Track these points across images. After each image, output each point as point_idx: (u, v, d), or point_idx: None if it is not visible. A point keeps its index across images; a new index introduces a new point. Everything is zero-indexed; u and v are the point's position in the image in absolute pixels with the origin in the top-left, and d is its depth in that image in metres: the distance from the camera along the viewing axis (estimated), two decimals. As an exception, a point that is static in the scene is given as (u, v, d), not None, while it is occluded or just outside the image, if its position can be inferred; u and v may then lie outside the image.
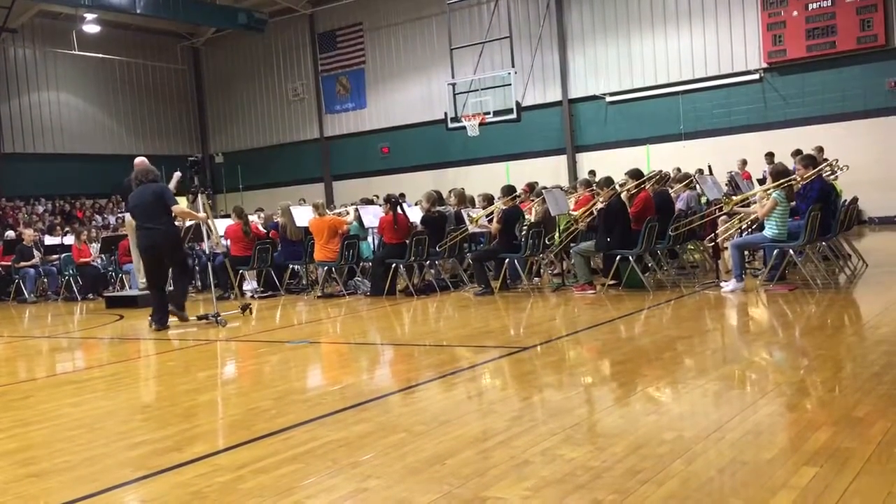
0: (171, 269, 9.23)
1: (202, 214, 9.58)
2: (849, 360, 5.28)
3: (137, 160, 10.32)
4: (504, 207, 10.74)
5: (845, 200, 10.12)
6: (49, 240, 16.38)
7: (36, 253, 15.23)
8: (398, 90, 26.16)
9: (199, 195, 9.64)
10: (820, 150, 14.73)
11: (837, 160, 11.31)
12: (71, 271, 14.67)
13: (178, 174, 11.49)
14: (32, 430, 4.72)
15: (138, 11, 22.36)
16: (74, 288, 14.52)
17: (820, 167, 9.36)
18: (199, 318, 9.16)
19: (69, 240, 15.69)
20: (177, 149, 28.88)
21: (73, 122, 26.93)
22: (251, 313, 9.88)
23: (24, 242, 15.40)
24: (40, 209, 24.17)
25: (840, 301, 7.91)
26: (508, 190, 11.13)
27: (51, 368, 7.61)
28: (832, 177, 10.91)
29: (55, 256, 15.37)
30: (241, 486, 3.42)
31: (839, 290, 8.58)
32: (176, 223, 9.64)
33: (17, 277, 14.95)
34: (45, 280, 15.20)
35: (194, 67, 30.64)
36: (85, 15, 24.57)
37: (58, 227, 19.14)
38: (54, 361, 8.07)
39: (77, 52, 25.69)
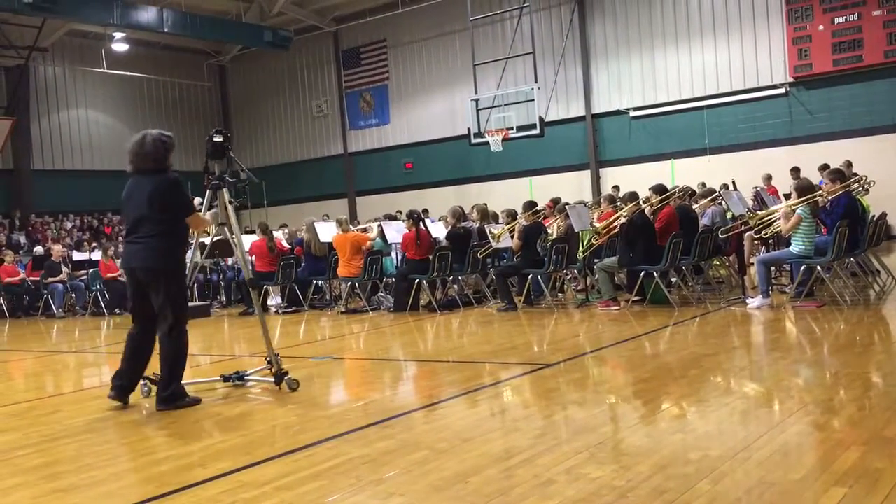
0: (158, 317, 5.56)
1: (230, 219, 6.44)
2: (878, 378, 5.20)
3: None
4: (525, 223, 10.73)
5: (873, 216, 10.01)
6: (77, 255, 16.56)
7: (64, 268, 15.43)
8: (421, 106, 26.27)
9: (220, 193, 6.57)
10: (849, 164, 14.59)
11: (866, 177, 11.19)
12: (98, 286, 14.82)
13: (197, 200, 10.57)
14: (60, 444, 4.77)
15: (165, 30, 22.67)
16: (102, 303, 14.67)
17: (847, 182, 9.26)
18: (225, 378, 6.22)
19: (97, 255, 15.86)
20: (203, 165, 29.15)
21: (102, 138, 27.29)
22: (294, 388, 5.85)
23: (52, 258, 15.61)
24: (69, 225, 24.48)
25: (869, 318, 7.80)
26: (529, 205, 11.14)
27: (78, 383, 7.69)
28: (861, 193, 10.80)
29: (83, 272, 15.54)
30: (265, 503, 3.43)
31: (868, 306, 8.46)
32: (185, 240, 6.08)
33: (46, 293, 15.15)
34: (73, 295, 15.37)
35: (220, 84, 30.98)
36: (113, 34, 24.96)
37: (86, 243, 19.35)
38: (81, 376, 8.15)
39: (105, 71, 26.10)
